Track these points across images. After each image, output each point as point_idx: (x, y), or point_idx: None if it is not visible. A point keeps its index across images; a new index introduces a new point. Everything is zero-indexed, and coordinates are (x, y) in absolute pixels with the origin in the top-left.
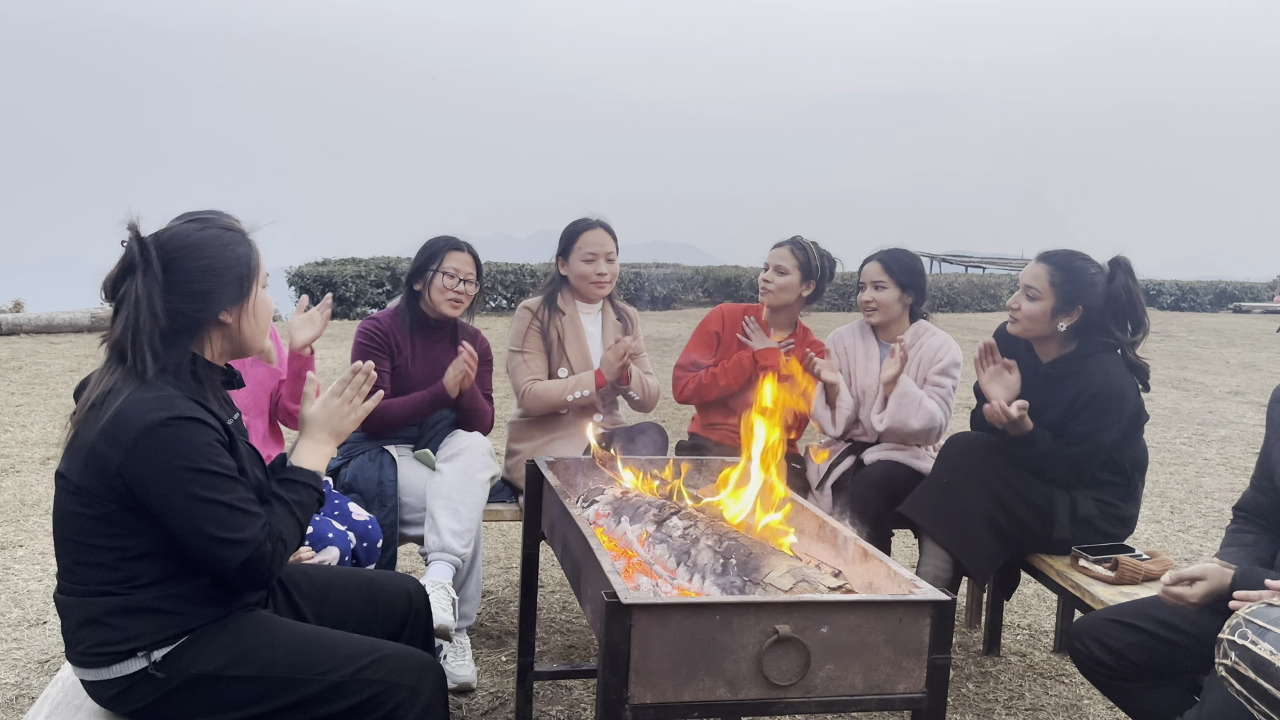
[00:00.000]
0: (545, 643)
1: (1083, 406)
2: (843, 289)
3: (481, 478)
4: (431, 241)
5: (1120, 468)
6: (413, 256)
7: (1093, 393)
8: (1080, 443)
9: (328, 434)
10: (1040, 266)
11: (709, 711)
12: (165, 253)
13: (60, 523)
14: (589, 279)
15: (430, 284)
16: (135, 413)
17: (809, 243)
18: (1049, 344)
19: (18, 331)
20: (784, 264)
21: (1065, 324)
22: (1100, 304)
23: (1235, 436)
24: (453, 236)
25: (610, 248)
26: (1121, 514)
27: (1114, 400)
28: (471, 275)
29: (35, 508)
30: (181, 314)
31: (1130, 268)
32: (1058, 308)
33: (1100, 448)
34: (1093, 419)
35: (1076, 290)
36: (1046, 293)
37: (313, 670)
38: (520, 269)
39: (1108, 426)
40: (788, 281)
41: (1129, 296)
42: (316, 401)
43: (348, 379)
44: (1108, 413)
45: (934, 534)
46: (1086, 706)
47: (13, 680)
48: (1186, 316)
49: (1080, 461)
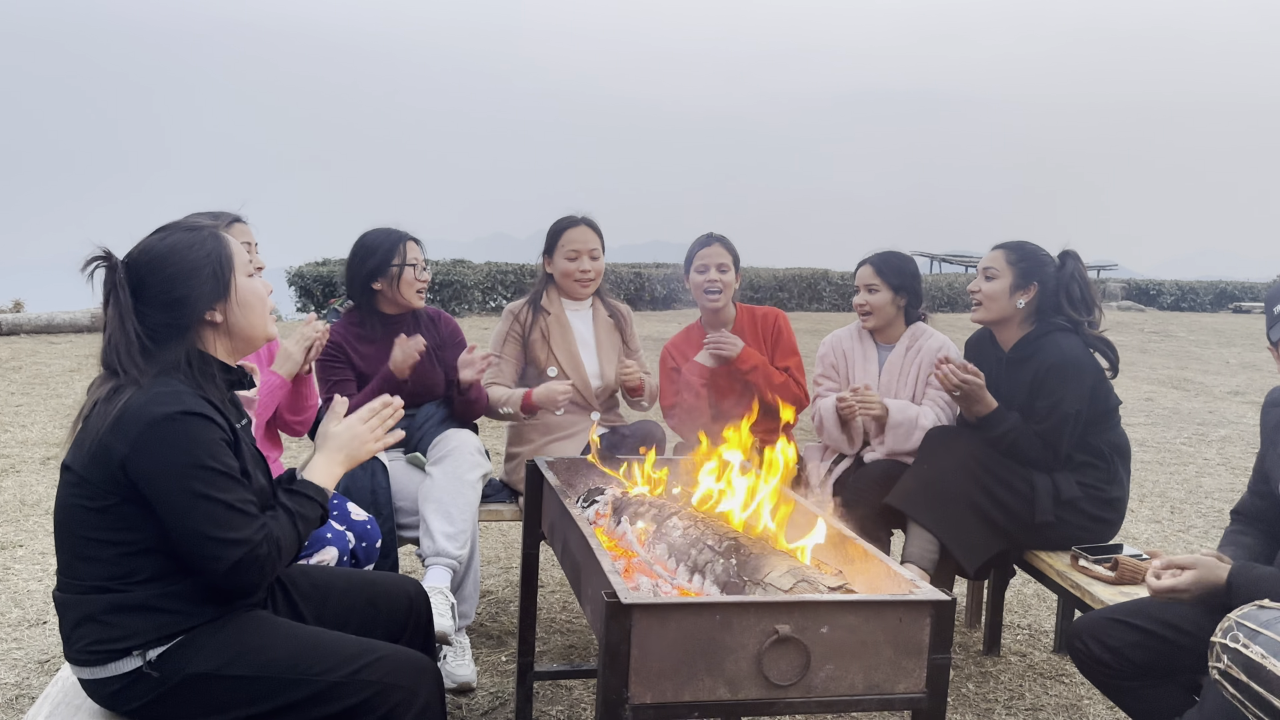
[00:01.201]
0: (545, 643)
1: (1042, 381)
2: (842, 289)
3: (471, 478)
4: (375, 239)
5: (1097, 450)
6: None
7: (1049, 365)
8: (1046, 416)
9: (345, 455)
10: (996, 252)
11: (709, 711)
12: (135, 271)
13: (62, 516)
14: (572, 276)
15: (399, 279)
16: (144, 406)
17: (722, 236)
18: (1009, 328)
19: (18, 331)
20: (724, 261)
21: (1023, 299)
22: (1053, 285)
23: (1235, 436)
24: (394, 229)
25: (594, 244)
26: (1107, 496)
27: (1070, 370)
28: (425, 261)
29: (35, 508)
30: (165, 324)
31: (1079, 257)
32: (1015, 283)
33: (1066, 418)
34: (1054, 390)
35: (1031, 267)
36: (1004, 271)
37: (310, 671)
38: (520, 269)
39: (1069, 397)
40: (730, 278)
41: (1081, 279)
42: (342, 422)
43: (376, 409)
44: (1066, 383)
45: (922, 521)
46: (1086, 706)
47: (13, 680)
48: (1186, 316)
49: (1050, 436)
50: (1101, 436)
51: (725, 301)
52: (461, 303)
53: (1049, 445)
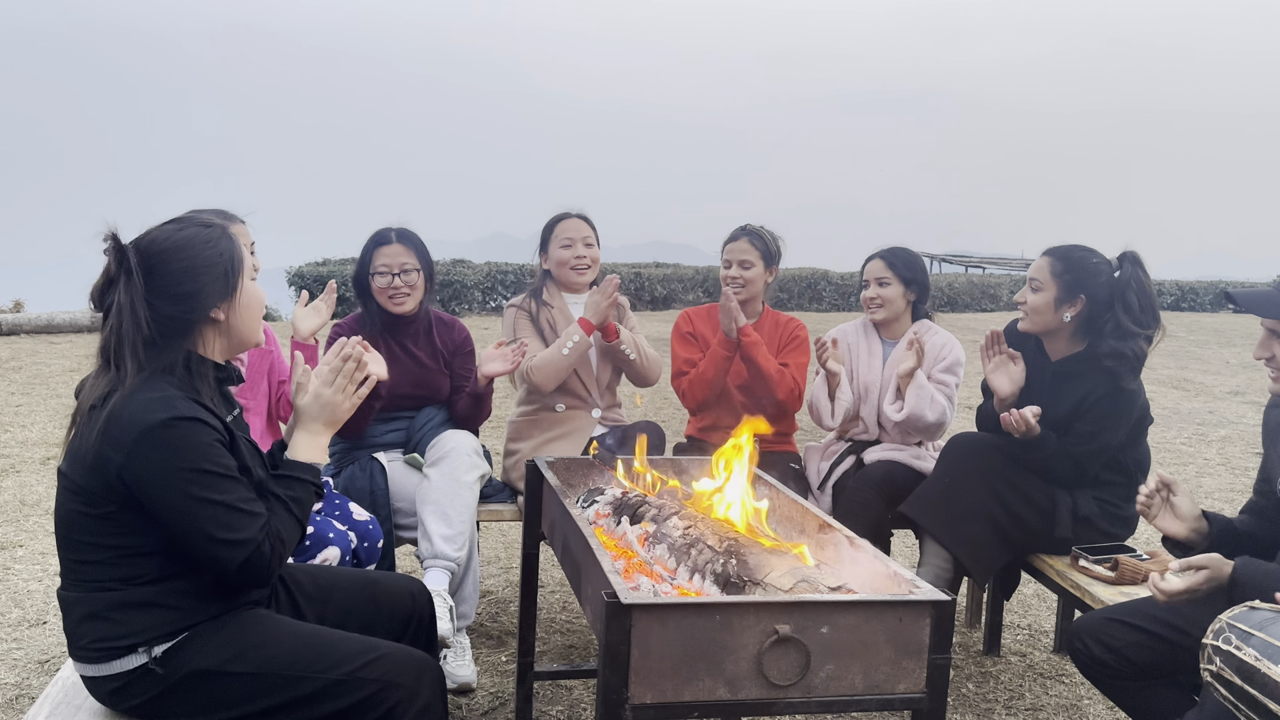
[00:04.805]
0: (545, 643)
1: (1090, 407)
2: (842, 289)
3: (468, 479)
4: (369, 240)
5: (1124, 468)
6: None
7: (1101, 395)
8: (1086, 442)
9: (322, 424)
10: (1043, 259)
11: (709, 711)
12: (145, 259)
13: (62, 521)
14: (569, 264)
15: (370, 288)
16: (135, 413)
17: (761, 228)
18: (1058, 340)
19: (18, 331)
20: (747, 257)
21: (1070, 314)
22: (1105, 295)
23: (1235, 436)
24: (381, 230)
25: (587, 233)
26: (1123, 514)
27: (1123, 403)
28: (408, 264)
29: (35, 508)
30: (170, 317)
31: (1139, 259)
32: (1060, 297)
33: (1105, 448)
34: (1099, 420)
35: (1077, 279)
36: (1049, 283)
37: (311, 668)
38: (520, 269)
39: (1114, 428)
40: (754, 274)
41: (1139, 287)
42: (308, 394)
43: (337, 367)
44: (1116, 415)
45: (935, 534)
46: (1086, 706)
47: (13, 680)
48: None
49: (1085, 460)
50: (1128, 452)
51: (746, 296)
52: (461, 303)
53: (1080, 467)
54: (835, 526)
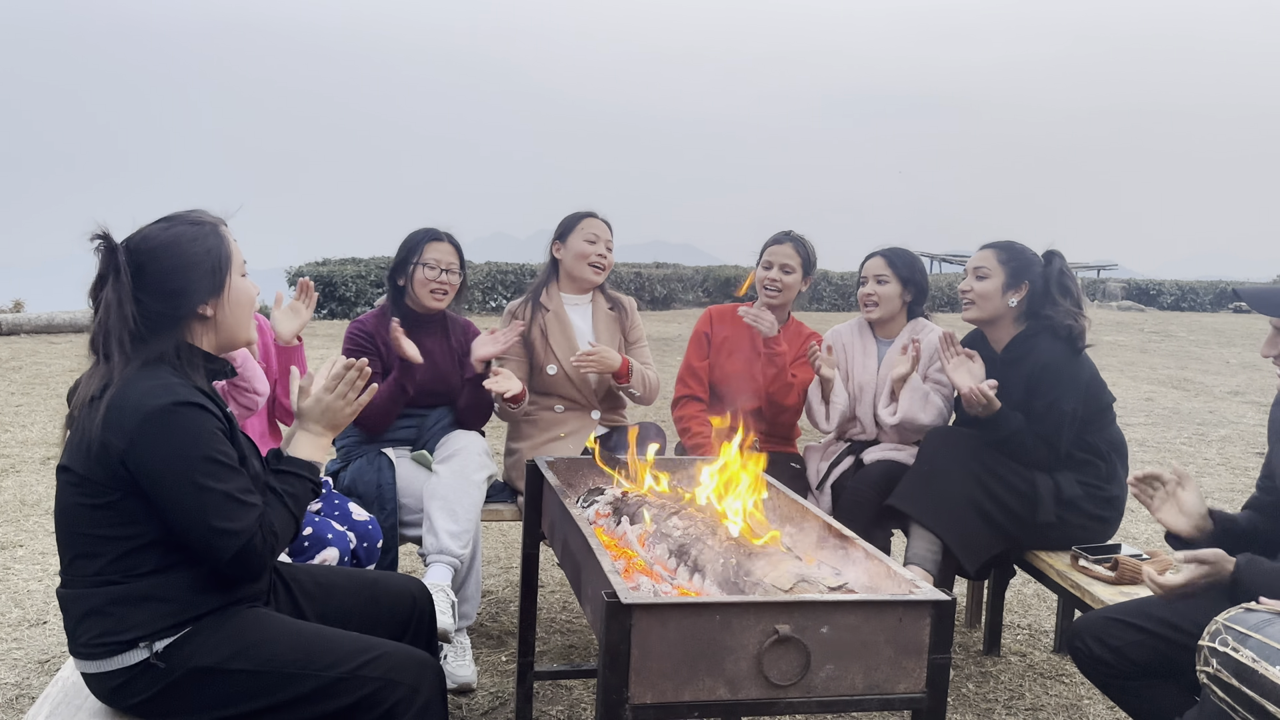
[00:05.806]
0: (545, 643)
1: (1038, 381)
2: (842, 288)
3: (478, 478)
4: (411, 235)
5: (1095, 449)
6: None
7: (1043, 364)
8: (1044, 416)
9: (323, 427)
10: (986, 250)
11: (709, 711)
12: (135, 257)
13: (63, 517)
14: (588, 258)
15: (412, 277)
16: (137, 399)
17: (803, 237)
18: (1001, 329)
19: (18, 331)
20: (789, 262)
21: (1015, 299)
22: (1042, 285)
23: (1235, 436)
24: (432, 228)
25: (610, 237)
26: (1107, 494)
27: (1065, 368)
28: (454, 265)
29: (35, 508)
30: (159, 313)
31: (1063, 255)
32: (1008, 283)
33: (1064, 417)
34: (1049, 389)
35: (1020, 267)
36: (996, 270)
37: (312, 666)
38: (520, 269)
39: (1065, 395)
40: (793, 280)
41: (1071, 276)
42: (310, 397)
43: (340, 374)
44: (1062, 381)
45: (924, 522)
46: (1086, 706)
47: (13, 680)
48: (1186, 316)
49: (1049, 435)
50: (1099, 434)
51: (782, 301)
52: (461, 303)
53: (1049, 444)
54: (835, 526)
